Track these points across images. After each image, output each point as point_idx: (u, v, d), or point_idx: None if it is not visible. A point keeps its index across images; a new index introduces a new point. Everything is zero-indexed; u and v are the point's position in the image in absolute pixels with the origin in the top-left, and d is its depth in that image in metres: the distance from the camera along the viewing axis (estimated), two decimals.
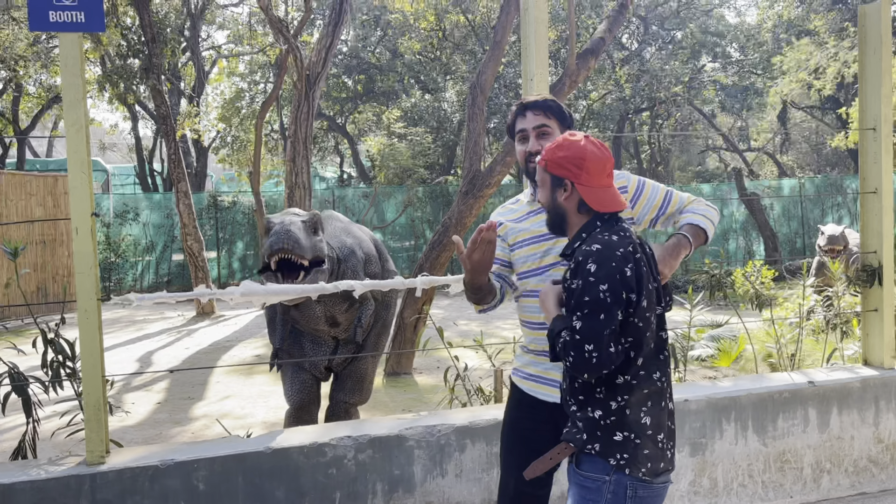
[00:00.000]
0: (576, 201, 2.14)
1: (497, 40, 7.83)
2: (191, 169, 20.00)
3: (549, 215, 2.23)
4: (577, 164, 2.11)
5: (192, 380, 7.72)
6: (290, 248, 3.25)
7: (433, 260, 7.57)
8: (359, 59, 21.77)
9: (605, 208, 2.12)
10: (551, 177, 2.17)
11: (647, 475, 2.01)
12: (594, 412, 2.04)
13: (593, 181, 2.11)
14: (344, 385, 4.54)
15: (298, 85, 11.70)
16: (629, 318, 2.01)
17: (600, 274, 1.97)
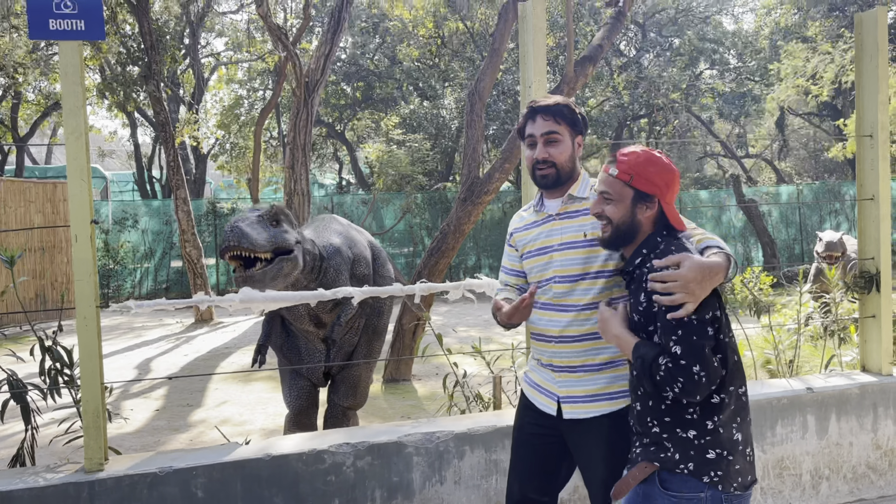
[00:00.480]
0: (654, 218, 2.11)
1: (495, 47, 7.86)
2: (189, 176, 20.03)
3: (618, 230, 2.15)
4: (668, 183, 2.10)
5: (191, 386, 7.71)
6: (237, 244, 3.22)
7: (432, 266, 7.57)
8: (357, 66, 21.81)
9: (681, 226, 2.11)
10: (635, 192, 2.10)
11: (739, 489, 1.99)
12: (686, 432, 2.00)
13: (673, 199, 2.12)
14: (339, 389, 4.58)
15: (297, 92, 11.72)
16: (718, 337, 1.97)
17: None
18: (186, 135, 15.02)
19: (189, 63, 20.60)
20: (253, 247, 3.25)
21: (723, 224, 19.33)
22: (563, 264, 2.45)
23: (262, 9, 11.35)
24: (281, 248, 3.43)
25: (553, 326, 2.46)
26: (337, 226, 4.48)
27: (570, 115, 2.48)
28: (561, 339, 2.45)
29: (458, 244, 7.61)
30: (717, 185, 27.45)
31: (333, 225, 4.46)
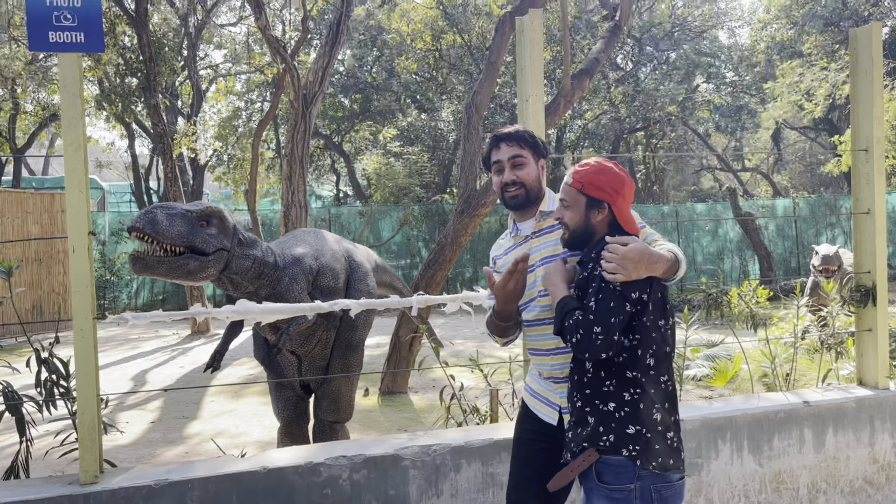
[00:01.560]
0: (607, 222, 2.31)
1: (492, 61, 7.89)
2: (187, 187, 20.02)
3: (575, 233, 2.35)
4: (617, 189, 2.29)
5: (187, 399, 7.68)
6: (140, 228, 3.13)
7: (429, 279, 7.57)
8: (355, 78, 21.90)
9: (633, 230, 2.32)
10: (588, 198, 2.31)
11: (658, 469, 2.11)
12: (607, 405, 2.17)
13: (626, 205, 2.31)
14: (321, 404, 4.60)
15: (295, 104, 11.75)
16: (639, 318, 2.15)
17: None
18: (185, 146, 15.04)
19: (187, 75, 20.64)
20: (155, 235, 3.16)
21: (719, 237, 19.37)
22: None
23: (261, 21, 11.39)
24: (196, 247, 3.32)
25: (547, 340, 2.53)
26: (311, 238, 4.48)
27: (532, 141, 2.65)
28: (557, 352, 2.50)
29: (455, 256, 7.62)
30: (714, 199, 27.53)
31: (307, 237, 4.45)
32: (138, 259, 3.17)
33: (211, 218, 3.41)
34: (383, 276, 5.56)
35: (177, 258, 3.24)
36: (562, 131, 23.40)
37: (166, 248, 3.21)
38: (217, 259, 3.40)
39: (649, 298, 2.15)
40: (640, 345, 2.15)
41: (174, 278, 3.26)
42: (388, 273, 5.70)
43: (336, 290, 4.27)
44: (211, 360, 3.90)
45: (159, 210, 3.23)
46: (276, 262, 3.84)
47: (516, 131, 2.66)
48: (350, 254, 4.69)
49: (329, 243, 4.54)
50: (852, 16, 22.33)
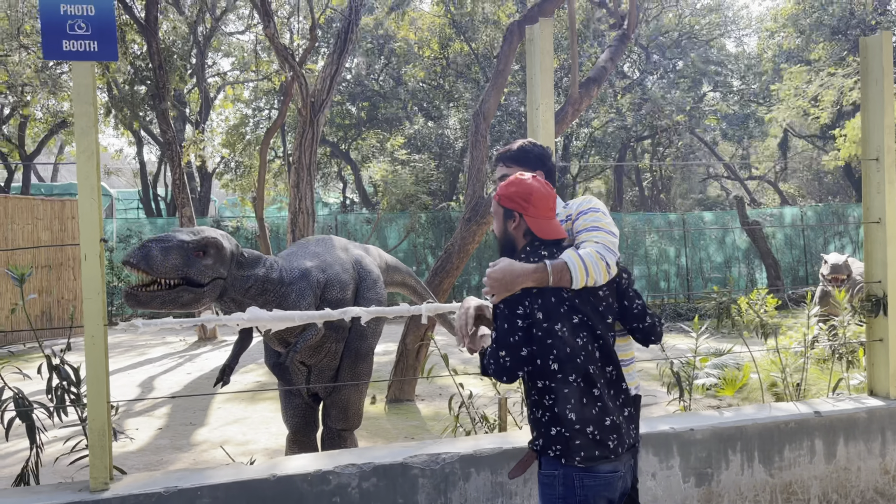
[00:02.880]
0: (523, 230, 2.46)
1: (500, 69, 7.91)
2: (194, 194, 20.10)
3: (501, 242, 2.55)
4: (525, 199, 2.44)
5: (194, 405, 7.69)
6: (134, 264, 3.19)
7: (436, 286, 7.57)
8: (363, 86, 21.95)
9: (548, 236, 2.46)
10: (503, 209, 2.50)
11: (582, 462, 2.26)
12: (536, 412, 2.36)
13: (539, 213, 2.45)
14: (330, 413, 4.60)
15: (303, 112, 11.79)
16: (533, 329, 2.30)
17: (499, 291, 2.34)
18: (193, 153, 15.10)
19: (196, 82, 20.74)
20: (149, 270, 3.21)
21: (727, 245, 19.32)
22: None
23: (269, 29, 11.44)
24: (191, 279, 3.35)
25: None
26: (320, 248, 4.48)
27: (521, 157, 2.78)
28: None
29: (463, 264, 7.61)
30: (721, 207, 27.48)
31: (316, 248, 4.45)
32: (131, 295, 3.26)
33: (207, 248, 3.44)
34: (395, 275, 5.56)
35: (171, 291, 3.30)
36: (568, 139, 23.40)
37: (160, 282, 3.27)
38: (212, 289, 3.44)
39: (539, 308, 2.29)
40: (538, 353, 2.30)
41: (169, 310, 3.31)
42: (400, 272, 5.69)
43: (344, 302, 4.27)
44: (220, 374, 3.92)
45: (154, 244, 3.28)
46: (282, 278, 3.85)
47: (505, 151, 2.83)
48: (359, 261, 4.68)
49: (337, 252, 4.53)
50: (859, 24, 22.28)
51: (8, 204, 12.25)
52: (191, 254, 3.36)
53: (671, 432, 3.34)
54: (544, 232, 2.44)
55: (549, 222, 2.46)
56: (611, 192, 30.48)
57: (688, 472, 3.35)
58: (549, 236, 2.44)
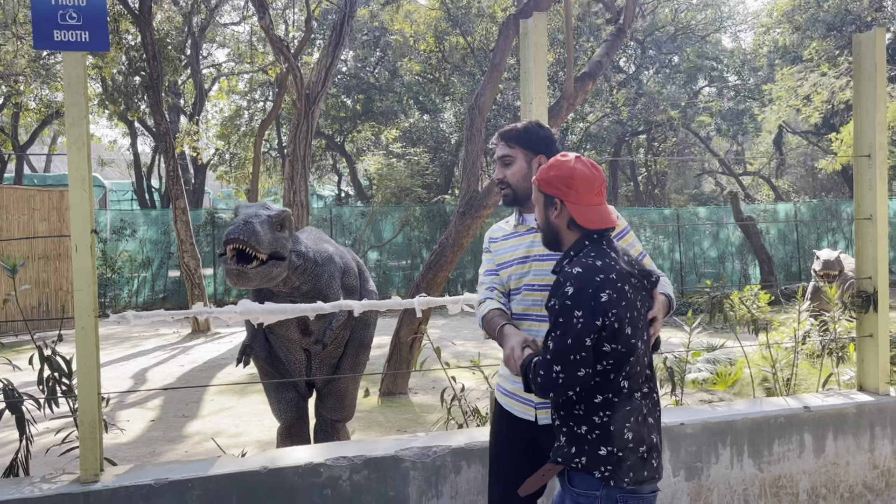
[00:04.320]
0: (566, 219, 2.23)
1: (495, 63, 7.89)
2: (189, 185, 20.04)
3: (544, 233, 2.31)
4: (567, 183, 2.20)
5: (187, 397, 7.69)
6: (245, 240, 3.23)
7: (430, 280, 7.57)
8: (358, 79, 21.90)
9: (594, 225, 2.20)
10: (544, 196, 2.27)
11: (631, 484, 2.10)
12: (579, 428, 2.14)
13: (582, 199, 2.20)
14: (325, 402, 4.58)
15: (298, 104, 11.76)
16: (608, 344, 2.07)
17: (576, 298, 2.05)
18: (187, 145, 15.05)
19: (190, 73, 20.66)
20: (258, 247, 3.27)
21: (720, 241, 19.36)
22: (537, 273, 2.54)
23: (264, 21, 11.40)
24: (277, 253, 3.45)
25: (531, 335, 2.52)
26: (322, 237, 4.52)
27: (526, 138, 2.64)
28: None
29: (457, 258, 7.62)
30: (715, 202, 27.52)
31: (318, 235, 4.49)
32: (242, 274, 3.27)
33: (284, 221, 3.55)
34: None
35: (266, 266, 3.36)
36: (564, 134, 23.39)
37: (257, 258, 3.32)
38: (290, 262, 3.53)
39: (629, 322, 2.09)
40: (613, 369, 2.10)
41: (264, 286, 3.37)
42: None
43: (355, 290, 4.35)
44: (240, 354, 3.96)
45: (255, 220, 3.32)
46: (315, 258, 3.91)
47: (512, 129, 2.69)
48: (355, 258, 4.73)
49: (335, 243, 4.57)
50: (855, 21, 22.30)
51: (3, 194, 12.20)
52: (275, 227, 3.46)
53: (662, 426, 3.35)
54: (590, 220, 2.19)
55: (596, 209, 2.21)
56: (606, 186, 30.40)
57: (678, 466, 3.36)
58: (596, 225, 2.19)
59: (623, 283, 2.11)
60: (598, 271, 2.08)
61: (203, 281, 12.96)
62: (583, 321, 2.03)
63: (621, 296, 2.09)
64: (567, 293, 2.06)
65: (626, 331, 2.08)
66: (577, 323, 2.03)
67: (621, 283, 2.10)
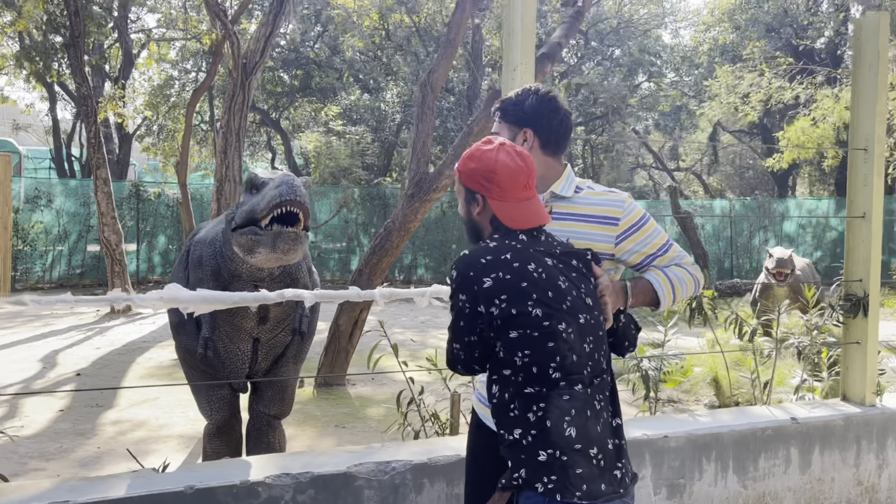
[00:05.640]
0: (489, 216, 1.97)
1: (450, 38, 7.46)
2: (112, 156, 18.91)
3: (467, 228, 2.06)
4: (488, 177, 1.93)
5: (103, 384, 7.03)
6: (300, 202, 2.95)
7: (374, 265, 7.11)
8: (297, 53, 21.08)
9: (518, 225, 1.93)
10: (465, 189, 2.01)
11: (585, 498, 1.73)
12: (514, 432, 1.82)
13: (507, 194, 1.93)
14: (264, 395, 4.08)
15: (234, 73, 11.07)
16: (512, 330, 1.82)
17: (458, 282, 1.89)
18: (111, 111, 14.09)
19: (117, 37, 19.48)
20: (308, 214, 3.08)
21: None
22: None
23: None
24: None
25: None
26: None
27: (510, 110, 2.25)
28: None
29: (403, 242, 7.18)
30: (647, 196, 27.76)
31: None
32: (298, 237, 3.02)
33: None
34: None
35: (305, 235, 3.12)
36: None
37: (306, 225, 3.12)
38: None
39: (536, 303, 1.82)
40: (532, 357, 1.81)
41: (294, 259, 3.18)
42: None
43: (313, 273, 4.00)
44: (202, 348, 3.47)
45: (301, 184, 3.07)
46: None
47: (501, 98, 2.29)
48: None
49: None
50: (792, 24, 22.72)
51: None
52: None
53: (644, 439, 3.02)
54: (514, 219, 1.92)
55: (523, 206, 1.93)
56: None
57: (659, 483, 3.03)
58: (520, 225, 1.92)
59: (524, 262, 1.85)
60: (485, 253, 1.87)
61: (125, 257, 12.15)
62: (468, 308, 1.87)
63: (521, 277, 1.83)
64: (452, 276, 1.91)
65: (533, 313, 1.81)
66: (464, 307, 1.87)
67: (520, 264, 1.85)
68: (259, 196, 3.11)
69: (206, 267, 3.58)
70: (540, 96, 2.26)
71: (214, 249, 3.58)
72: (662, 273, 2.18)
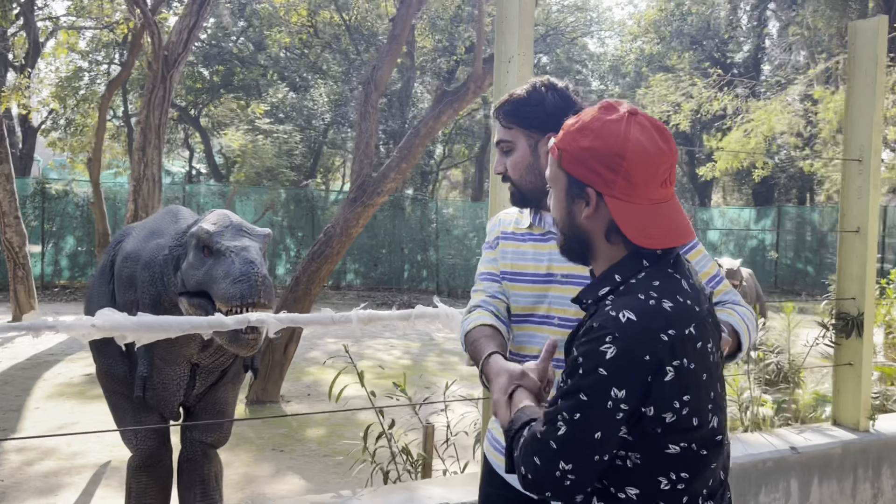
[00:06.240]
0: (604, 223, 1.33)
1: (396, 33, 7.08)
2: (15, 149, 17.63)
3: (564, 236, 1.42)
4: (611, 163, 1.29)
5: (4, 404, 6.31)
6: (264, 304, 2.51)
7: (312, 273, 6.65)
8: (219, 48, 20.20)
9: (656, 242, 1.30)
10: (567, 177, 1.36)
11: None
12: None
13: (637, 192, 1.29)
14: (200, 421, 3.59)
15: (154, 65, 10.36)
16: (673, 445, 1.27)
17: (619, 367, 1.20)
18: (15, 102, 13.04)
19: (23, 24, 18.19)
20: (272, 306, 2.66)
21: None
22: (564, 303, 1.74)
23: None
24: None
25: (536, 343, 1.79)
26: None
27: (525, 112, 1.82)
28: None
29: (345, 249, 6.75)
30: None
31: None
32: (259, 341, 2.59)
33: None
34: None
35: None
36: None
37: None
38: None
39: (692, 406, 1.26)
40: (687, 486, 1.29)
41: None
42: None
43: None
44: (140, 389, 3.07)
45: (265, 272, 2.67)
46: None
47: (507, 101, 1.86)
48: None
49: None
50: (714, 36, 23.34)
51: None
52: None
53: None
54: (648, 233, 1.29)
55: (657, 211, 1.31)
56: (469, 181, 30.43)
57: None
58: (658, 242, 1.30)
59: (705, 340, 1.27)
60: (665, 322, 1.22)
61: (28, 260, 11.18)
62: (624, 408, 1.21)
63: (702, 363, 1.26)
64: (605, 356, 1.20)
65: (711, 423, 1.30)
66: (614, 409, 1.21)
67: (702, 343, 1.26)
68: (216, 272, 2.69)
69: (144, 294, 3.08)
70: (559, 91, 1.89)
71: (153, 275, 3.08)
72: (735, 312, 1.82)
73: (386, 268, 16.49)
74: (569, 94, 1.90)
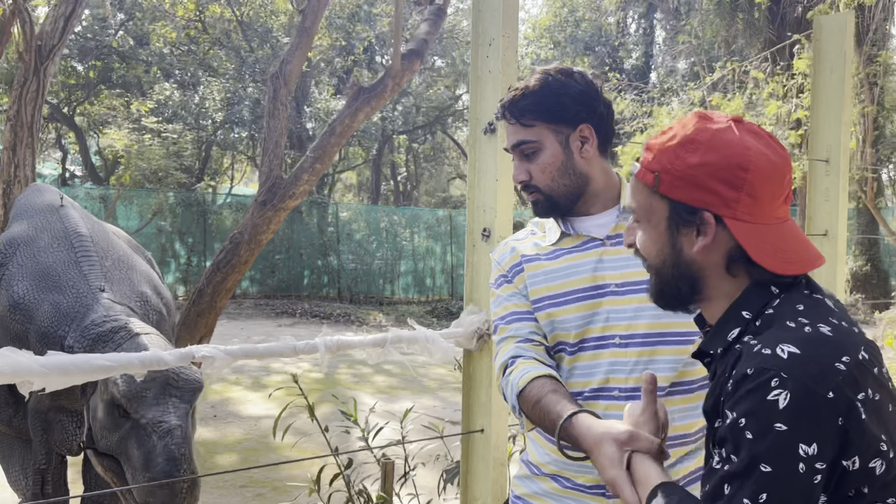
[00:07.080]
0: (724, 252, 1.10)
1: (306, 26, 6.63)
2: None
3: (663, 278, 1.16)
4: (733, 180, 1.07)
5: None
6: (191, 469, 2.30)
7: (218, 283, 6.08)
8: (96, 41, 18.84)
9: (795, 266, 1.08)
10: (670, 205, 1.12)
11: None
12: None
13: (762, 211, 1.09)
14: None
15: (26, 56, 9.40)
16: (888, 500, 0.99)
17: (800, 414, 0.94)
18: None
19: None
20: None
21: None
22: (625, 317, 1.46)
23: None
24: None
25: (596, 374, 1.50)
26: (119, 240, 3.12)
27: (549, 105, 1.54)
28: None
29: (253, 257, 6.23)
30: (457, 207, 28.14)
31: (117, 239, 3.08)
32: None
33: None
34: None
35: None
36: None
37: None
38: None
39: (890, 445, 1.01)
40: None
41: None
42: None
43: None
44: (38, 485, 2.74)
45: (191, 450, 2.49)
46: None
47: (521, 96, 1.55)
48: None
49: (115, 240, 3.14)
50: (605, 43, 23.94)
51: None
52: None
53: None
54: (785, 257, 1.09)
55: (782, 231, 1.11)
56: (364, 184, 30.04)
57: None
58: (797, 267, 1.09)
59: (879, 364, 1.03)
60: (834, 349, 0.99)
61: None
62: (820, 467, 0.94)
63: (884, 393, 1.01)
64: (776, 406, 0.94)
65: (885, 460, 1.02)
66: (809, 472, 0.94)
67: (878, 368, 1.02)
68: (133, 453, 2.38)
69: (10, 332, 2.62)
70: (578, 75, 1.60)
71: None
72: None
73: (284, 274, 15.82)
74: (589, 77, 1.61)
